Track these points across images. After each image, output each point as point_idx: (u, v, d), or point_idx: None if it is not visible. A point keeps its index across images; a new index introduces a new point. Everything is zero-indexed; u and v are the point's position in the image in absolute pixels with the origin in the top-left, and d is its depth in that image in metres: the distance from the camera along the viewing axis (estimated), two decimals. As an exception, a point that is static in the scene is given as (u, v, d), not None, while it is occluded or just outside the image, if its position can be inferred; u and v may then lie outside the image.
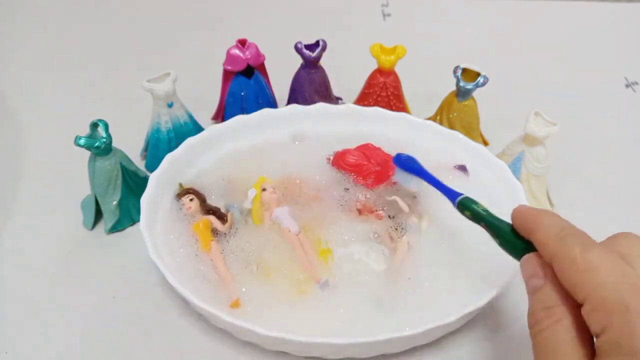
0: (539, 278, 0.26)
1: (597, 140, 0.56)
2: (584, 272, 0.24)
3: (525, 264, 0.28)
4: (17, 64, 0.66)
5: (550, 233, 0.26)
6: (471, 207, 0.33)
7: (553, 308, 0.25)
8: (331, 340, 0.32)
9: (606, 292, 0.23)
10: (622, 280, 0.23)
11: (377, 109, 0.49)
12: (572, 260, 0.24)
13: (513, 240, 0.30)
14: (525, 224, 0.29)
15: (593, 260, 0.24)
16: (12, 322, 0.39)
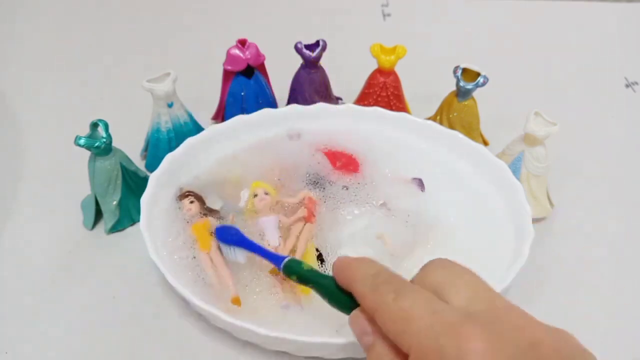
0: (369, 335, 0.26)
1: (597, 140, 0.56)
2: (400, 322, 0.24)
3: (353, 321, 0.27)
4: (17, 64, 0.66)
5: (365, 283, 0.26)
6: (296, 268, 0.32)
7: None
8: (331, 340, 0.32)
9: (423, 339, 0.23)
10: (435, 321, 0.23)
11: (377, 109, 0.49)
12: (388, 310, 0.24)
13: (340, 297, 0.29)
14: (344, 276, 0.28)
15: (406, 306, 0.24)
16: (12, 322, 0.39)
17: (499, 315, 0.23)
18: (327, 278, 0.30)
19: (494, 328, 0.22)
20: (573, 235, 0.46)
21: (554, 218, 0.47)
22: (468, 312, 0.23)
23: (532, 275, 0.41)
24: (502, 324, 0.23)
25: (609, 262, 0.44)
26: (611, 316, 0.40)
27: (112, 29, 0.71)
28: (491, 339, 0.21)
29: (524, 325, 0.23)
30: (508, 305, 0.24)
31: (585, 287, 0.42)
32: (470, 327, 0.22)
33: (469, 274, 0.26)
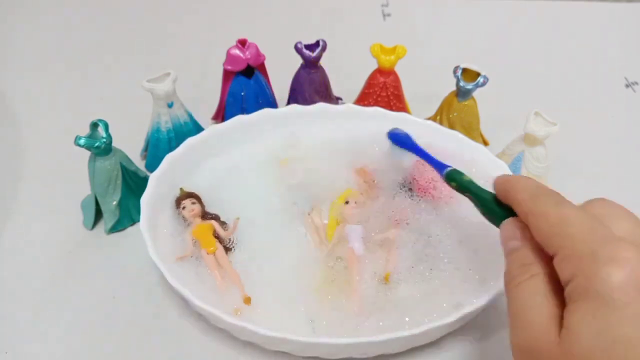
0: (517, 240, 0.27)
1: (597, 140, 0.56)
2: (556, 226, 0.25)
3: (504, 227, 0.29)
4: (17, 64, 0.66)
5: (525, 193, 0.28)
6: (457, 177, 0.35)
7: (529, 265, 0.26)
8: (331, 340, 0.32)
9: (575, 243, 0.24)
10: (591, 231, 0.24)
11: (377, 109, 0.49)
12: (545, 214, 0.25)
13: (495, 208, 0.31)
14: (504, 188, 0.29)
15: (565, 214, 0.25)
16: (12, 322, 0.39)
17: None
18: (485, 191, 0.32)
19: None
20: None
21: (554, 218, 0.47)
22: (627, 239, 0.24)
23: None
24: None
25: None
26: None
27: (112, 29, 0.72)
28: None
29: None
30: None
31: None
32: (628, 244, 0.23)
33: (630, 213, 0.27)
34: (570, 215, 0.25)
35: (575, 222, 0.24)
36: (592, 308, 0.22)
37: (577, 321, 0.22)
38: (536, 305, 0.24)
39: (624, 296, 0.21)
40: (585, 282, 0.22)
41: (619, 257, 0.22)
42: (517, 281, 0.26)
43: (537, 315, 0.24)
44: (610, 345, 0.21)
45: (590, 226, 0.24)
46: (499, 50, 0.69)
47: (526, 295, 0.25)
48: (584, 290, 0.22)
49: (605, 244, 0.23)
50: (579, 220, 0.24)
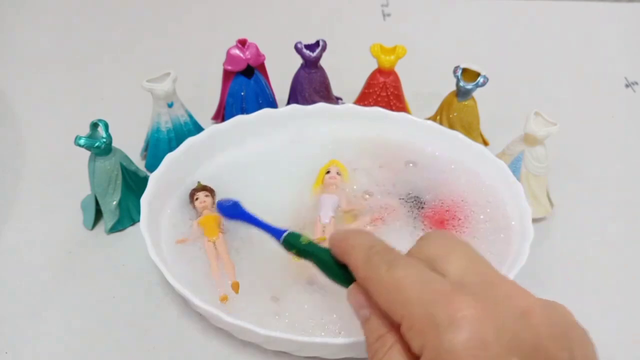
0: (365, 308, 0.26)
1: (597, 140, 0.56)
2: (392, 292, 0.24)
3: (351, 295, 0.27)
4: (17, 64, 0.66)
5: (358, 256, 0.26)
6: (295, 242, 0.32)
7: (384, 336, 0.24)
8: (331, 341, 0.32)
9: (415, 308, 0.23)
10: (426, 290, 0.23)
11: (377, 109, 0.49)
12: (380, 281, 0.24)
13: (337, 270, 0.28)
14: (340, 249, 0.28)
15: (399, 276, 0.24)
16: (12, 322, 0.39)
17: (492, 285, 0.24)
18: (326, 252, 0.30)
19: (485, 297, 0.22)
20: (573, 235, 0.46)
21: (554, 218, 0.47)
22: (461, 282, 0.23)
23: (532, 275, 0.40)
24: (494, 293, 0.23)
25: (609, 262, 0.44)
26: (611, 316, 0.40)
27: (112, 29, 0.71)
28: (482, 307, 0.22)
29: (516, 295, 0.23)
30: (501, 277, 0.25)
31: (585, 287, 0.42)
32: (462, 296, 0.22)
33: (464, 245, 0.26)
34: (403, 276, 0.24)
35: (408, 284, 0.23)
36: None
37: None
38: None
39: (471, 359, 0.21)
40: (434, 355, 0.21)
41: (457, 318, 0.21)
42: (378, 356, 0.24)
43: None
44: None
45: (424, 284, 0.23)
46: (499, 50, 0.69)
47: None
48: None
49: (442, 304, 0.22)
50: (413, 280, 0.23)
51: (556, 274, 0.43)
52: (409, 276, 0.24)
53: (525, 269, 0.36)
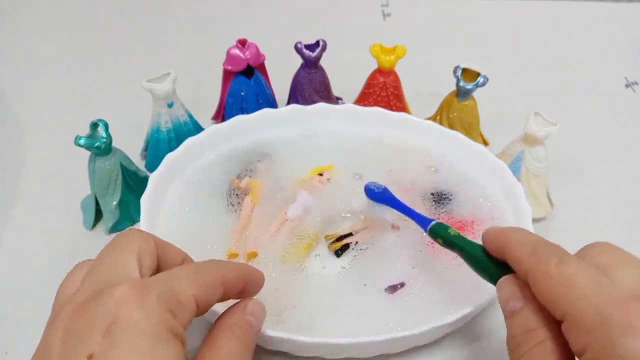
0: (517, 300, 0.25)
1: (597, 140, 0.56)
2: (560, 286, 0.23)
3: (502, 286, 0.27)
4: (17, 64, 0.66)
5: (523, 248, 0.26)
6: (442, 233, 0.32)
7: (534, 330, 0.24)
8: (331, 340, 0.32)
9: (584, 307, 0.22)
10: (599, 292, 0.22)
11: (377, 109, 0.49)
12: (548, 274, 0.23)
13: (487, 263, 0.29)
14: (497, 243, 0.28)
15: (569, 272, 0.23)
16: (12, 322, 0.39)
17: None
18: (474, 245, 0.30)
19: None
20: (573, 235, 0.46)
21: (554, 218, 0.47)
22: (635, 293, 0.22)
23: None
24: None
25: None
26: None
27: (112, 29, 0.72)
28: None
29: None
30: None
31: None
32: (638, 306, 0.21)
33: (634, 258, 0.25)
34: (574, 274, 0.23)
35: (580, 282, 0.23)
36: None
37: None
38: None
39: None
40: (600, 356, 0.21)
41: (634, 325, 0.20)
42: (522, 350, 0.24)
43: None
44: None
45: (597, 286, 0.22)
46: (499, 50, 0.69)
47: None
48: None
49: (616, 309, 0.21)
50: (585, 279, 0.23)
51: (556, 274, 0.43)
52: (581, 274, 0.23)
53: (525, 269, 0.36)
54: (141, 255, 0.26)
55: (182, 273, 0.26)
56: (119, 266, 0.25)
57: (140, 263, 0.26)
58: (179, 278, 0.25)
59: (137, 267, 0.26)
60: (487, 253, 0.29)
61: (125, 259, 0.26)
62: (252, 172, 0.45)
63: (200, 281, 0.26)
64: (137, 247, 0.27)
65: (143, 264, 0.26)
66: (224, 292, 0.27)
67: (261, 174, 0.45)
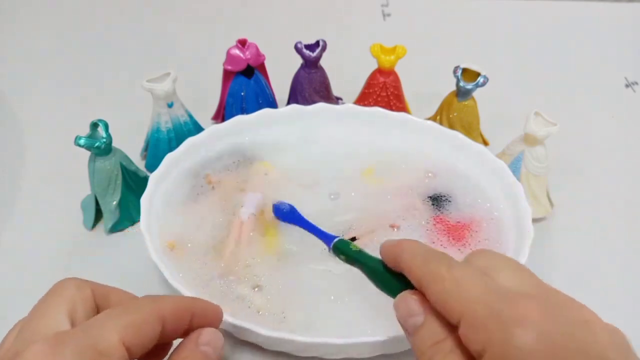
0: (418, 315, 0.25)
1: (597, 140, 0.56)
2: (453, 290, 0.24)
3: (400, 303, 0.26)
4: (17, 64, 0.66)
5: (415, 258, 0.26)
6: (345, 249, 0.33)
7: (442, 342, 0.24)
8: (331, 341, 0.32)
9: (477, 306, 0.22)
10: (488, 291, 0.23)
11: (377, 109, 0.49)
12: (440, 278, 0.24)
13: (387, 277, 0.29)
14: (392, 255, 0.28)
15: (459, 275, 0.24)
16: (12, 322, 0.39)
17: (548, 294, 0.24)
18: (375, 260, 0.30)
19: (547, 304, 0.22)
20: (573, 235, 0.46)
21: (554, 218, 0.47)
22: (520, 291, 0.23)
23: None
24: (553, 302, 0.23)
25: (609, 262, 0.44)
26: (611, 316, 0.40)
27: (112, 29, 0.72)
28: (546, 311, 0.22)
29: (575, 306, 0.23)
30: (554, 289, 0.25)
31: (585, 287, 0.42)
32: (526, 299, 0.22)
33: (513, 261, 0.26)
34: (463, 275, 0.24)
35: (470, 283, 0.23)
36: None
37: None
38: None
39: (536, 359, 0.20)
40: (501, 350, 0.21)
41: (525, 317, 0.21)
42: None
43: None
44: None
45: (485, 286, 0.23)
46: (499, 50, 0.69)
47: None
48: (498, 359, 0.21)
49: (506, 304, 0.22)
50: (473, 280, 0.23)
51: (556, 274, 0.43)
52: (470, 277, 0.24)
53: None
54: (74, 305, 0.26)
55: (107, 317, 0.25)
56: (46, 320, 0.25)
57: (73, 314, 0.25)
58: (102, 324, 0.24)
59: (67, 319, 0.25)
60: (387, 267, 0.29)
61: (53, 312, 0.25)
62: (229, 173, 0.45)
63: (127, 322, 0.24)
64: (68, 297, 0.26)
65: (76, 315, 0.26)
66: (163, 329, 0.26)
67: (231, 176, 0.45)
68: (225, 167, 0.45)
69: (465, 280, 0.24)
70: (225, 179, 0.44)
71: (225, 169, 0.45)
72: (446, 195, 0.44)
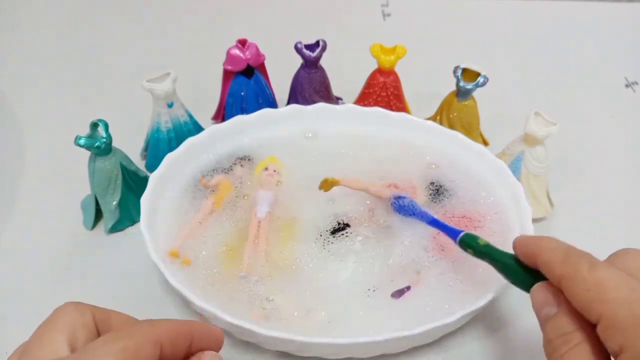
0: (552, 306, 0.26)
1: (597, 140, 0.56)
2: (594, 290, 0.24)
3: (536, 293, 0.28)
4: (17, 64, 0.66)
5: (555, 255, 0.27)
6: (472, 243, 0.34)
7: (570, 333, 0.25)
8: (331, 340, 0.32)
9: (618, 308, 0.23)
10: (632, 294, 0.23)
11: (377, 109, 0.49)
12: (581, 279, 0.25)
13: (520, 272, 0.30)
14: (528, 251, 0.29)
15: (601, 277, 0.24)
16: (12, 322, 0.39)
17: None
18: (506, 254, 0.31)
19: None
20: (573, 235, 0.45)
21: (554, 218, 0.47)
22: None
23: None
24: None
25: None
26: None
27: (112, 29, 0.71)
28: None
29: None
30: None
31: (585, 287, 0.42)
32: None
33: None
34: (606, 277, 0.24)
35: (613, 285, 0.24)
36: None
37: None
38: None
39: None
40: (638, 354, 0.22)
41: None
42: (559, 352, 0.25)
43: None
44: None
45: (629, 289, 0.23)
46: (499, 50, 0.69)
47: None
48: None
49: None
50: (617, 282, 0.24)
51: (556, 274, 0.43)
52: (613, 278, 0.24)
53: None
54: (74, 331, 0.26)
55: (103, 343, 0.24)
56: (46, 347, 0.25)
57: (73, 340, 0.25)
58: (98, 350, 0.24)
59: (66, 345, 0.25)
60: (519, 261, 0.30)
61: (52, 339, 0.25)
62: (228, 173, 0.45)
63: (123, 347, 0.24)
64: (69, 322, 0.26)
65: (77, 341, 0.26)
66: (161, 354, 0.26)
67: (235, 177, 0.45)
68: (224, 168, 0.45)
69: (608, 282, 0.24)
70: (224, 181, 0.44)
71: (224, 170, 0.45)
72: (448, 187, 0.44)
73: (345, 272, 0.39)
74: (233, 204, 0.43)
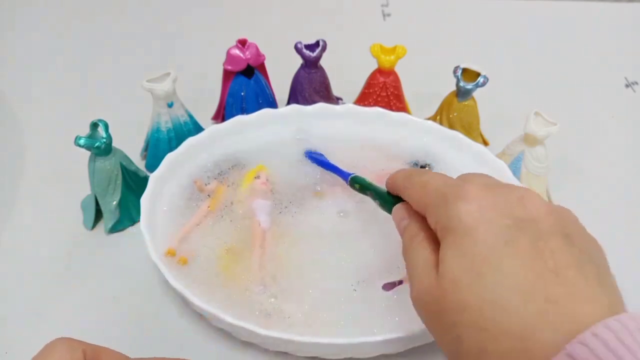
0: (405, 219, 0.31)
1: (597, 140, 0.56)
2: (421, 190, 0.30)
3: (395, 211, 0.33)
4: (17, 64, 0.66)
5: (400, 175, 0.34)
6: (359, 180, 0.40)
7: (416, 235, 0.29)
8: (331, 340, 0.32)
9: (434, 195, 0.28)
10: (444, 184, 0.29)
11: (377, 109, 0.49)
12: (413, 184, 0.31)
13: (388, 198, 0.35)
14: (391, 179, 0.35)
15: (425, 179, 0.30)
16: (12, 322, 0.39)
17: (490, 182, 0.28)
18: (381, 188, 0.37)
19: (489, 186, 0.27)
20: (573, 235, 0.46)
21: (554, 218, 0.47)
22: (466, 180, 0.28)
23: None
24: (493, 185, 0.28)
25: (608, 262, 0.44)
26: (611, 316, 0.40)
27: (112, 29, 0.72)
28: (485, 190, 0.27)
29: (517, 188, 0.27)
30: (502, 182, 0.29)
31: (585, 287, 0.42)
32: (469, 184, 0.27)
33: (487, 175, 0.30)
34: (429, 178, 0.30)
35: (432, 181, 0.29)
36: (452, 240, 0.25)
37: (444, 254, 0.26)
38: (421, 259, 0.28)
39: (472, 221, 0.25)
40: (445, 221, 0.26)
41: (465, 195, 0.26)
42: (411, 248, 0.29)
43: (421, 267, 0.27)
44: (469, 264, 0.24)
45: (443, 181, 0.29)
46: (499, 50, 0.69)
47: (414, 255, 0.28)
48: (445, 228, 0.26)
49: (453, 188, 0.27)
50: (435, 179, 0.30)
51: (556, 274, 0.43)
52: (434, 178, 0.30)
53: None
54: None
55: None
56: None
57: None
58: None
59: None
60: (390, 193, 0.35)
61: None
62: (223, 177, 0.45)
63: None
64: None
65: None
66: None
67: (229, 182, 0.44)
68: (221, 172, 0.45)
69: (429, 180, 0.30)
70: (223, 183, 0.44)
71: (221, 174, 0.45)
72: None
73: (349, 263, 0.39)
74: (229, 208, 0.42)
